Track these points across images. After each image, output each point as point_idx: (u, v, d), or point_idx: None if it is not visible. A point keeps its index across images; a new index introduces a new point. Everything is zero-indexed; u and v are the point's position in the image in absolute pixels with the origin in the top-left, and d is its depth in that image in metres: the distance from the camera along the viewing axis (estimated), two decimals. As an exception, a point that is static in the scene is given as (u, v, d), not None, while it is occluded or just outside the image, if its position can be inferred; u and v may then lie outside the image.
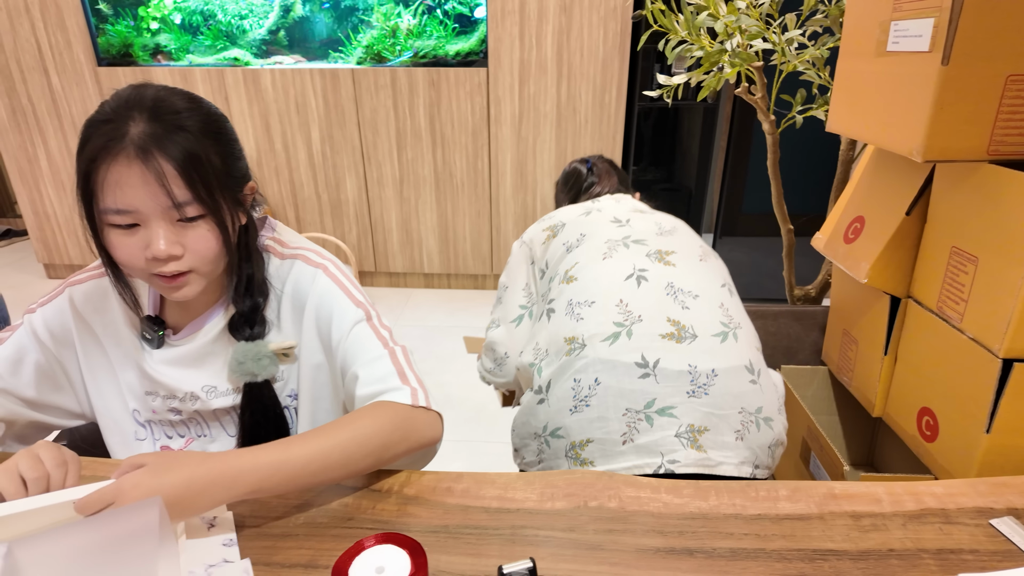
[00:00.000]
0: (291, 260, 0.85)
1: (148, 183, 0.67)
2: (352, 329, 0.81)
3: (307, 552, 0.66)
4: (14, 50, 2.76)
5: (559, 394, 0.93)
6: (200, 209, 0.70)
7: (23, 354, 0.82)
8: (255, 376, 0.81)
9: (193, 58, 2.79)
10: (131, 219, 0.69)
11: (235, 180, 0.75)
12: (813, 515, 0.71)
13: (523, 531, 0.69)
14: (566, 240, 1.10)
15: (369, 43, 2.73)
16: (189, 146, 0.68)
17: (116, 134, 0.66)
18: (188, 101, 0.72)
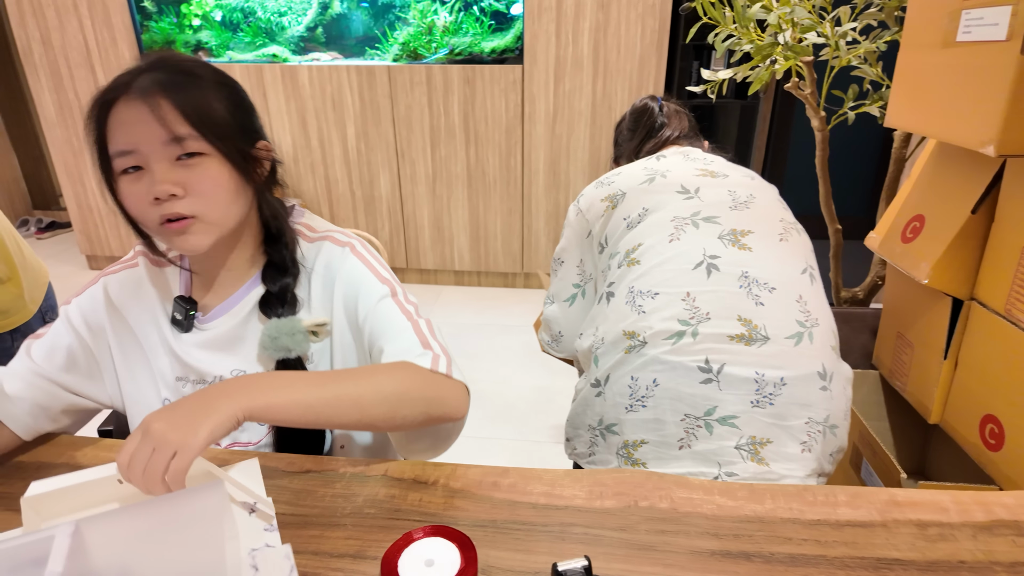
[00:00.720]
0: (319, 242, 0.85)
1: (147, 120, 0.69)
2: (377, 304, 0.81)
3: (355, 543, 0.66)
4: (62, 47, 2.84)
5: (616, 389, 0.89)
6: (201, 144, 0.71)
7: (57, 342, 0.82)
8: (289, 351, 0.80)
9: (233, 54, 2.83)
10: (134, 160, 0.71)
11: (242, 130, 0.76)
12: (876, 522, 0.68)
13: (572, 529, 0.67)
14: (627, 215, 0.99)
15: (405, 40, 2.74)
16: (190, 88, 0.71)
17: (123, 82, 0.70)
18: (195, 61, 0.75)
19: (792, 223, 0.98)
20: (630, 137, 1.22)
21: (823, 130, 1.45)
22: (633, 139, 1.20)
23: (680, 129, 1.18)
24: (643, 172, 1.04)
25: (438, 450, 0.81)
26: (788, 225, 0.97)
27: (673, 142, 1.16)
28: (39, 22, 2.80)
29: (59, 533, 0.35)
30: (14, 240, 1.15)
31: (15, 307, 1.13)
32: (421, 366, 0.74)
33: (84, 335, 0.84)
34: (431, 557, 0.62)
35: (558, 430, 2.06)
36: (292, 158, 2.93)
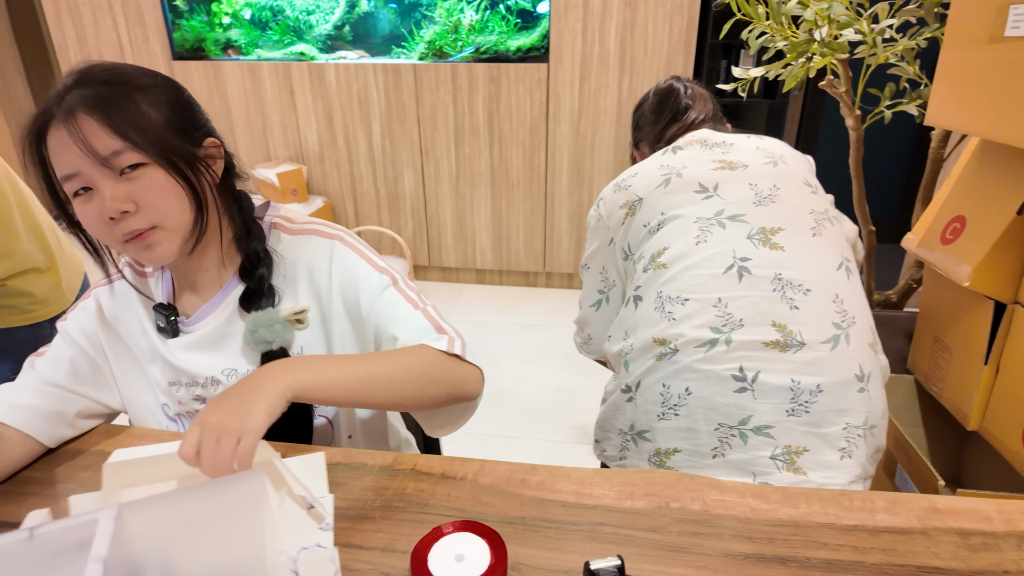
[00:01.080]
0: (303, 236, 0.84)
1: (74, 138, 0.66)
2: (381, 295, 0.81)
3: (384, 536, 0.66)
4: (97, 44, 2.89)
5: (648, 396, 0.88)
6: (137, 155, 0.68)
7: (59, 355, 0.83)
8: (270, 344, 0.80)
9: (261, 52, 2.86)
10: (81, 182, 0.69)
11: (181, 131, 0.73)
12: (915, 529, 0.66)
13: (603, 528, 0.66)
14: (647, 221, 0.97)
15: (431, 39, 2.75)
16: (115, 99, 0.68)
17: (49, 107, 0.68)
18: (116, 67, 0.71)
19: (823, 212, 0.94)
20: (654, 120, 1.15)
21: (858, 129, 1.42)
22: (658, 123, 1.14)
23: (705, 112, 1.13)
24: (659, 172, 1.01)
25: (455, 425, 0.82)
26: (819, 216, 0.92)
27: (697, 125, 1.11)
28: (75, 21, 2.86)
29: (103, 517, 0.35)
30: (53, 232, 1.18)
31: (54, 296, 1.15)
32: (439, 348, 0.75)
33: (84, 346, 0.84)
34: (461, 552, 0.62)
35: (580, 430, 2.05)
36: (318, 156, 2.95)
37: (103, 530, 0.34)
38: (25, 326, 1.13)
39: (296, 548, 0.58)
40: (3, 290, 1.10)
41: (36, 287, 1.13)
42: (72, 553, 0.32)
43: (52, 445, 0.81)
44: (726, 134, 1.07)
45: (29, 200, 1.13)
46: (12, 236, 1.08)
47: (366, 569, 0.62)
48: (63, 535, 0.34)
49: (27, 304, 1.12)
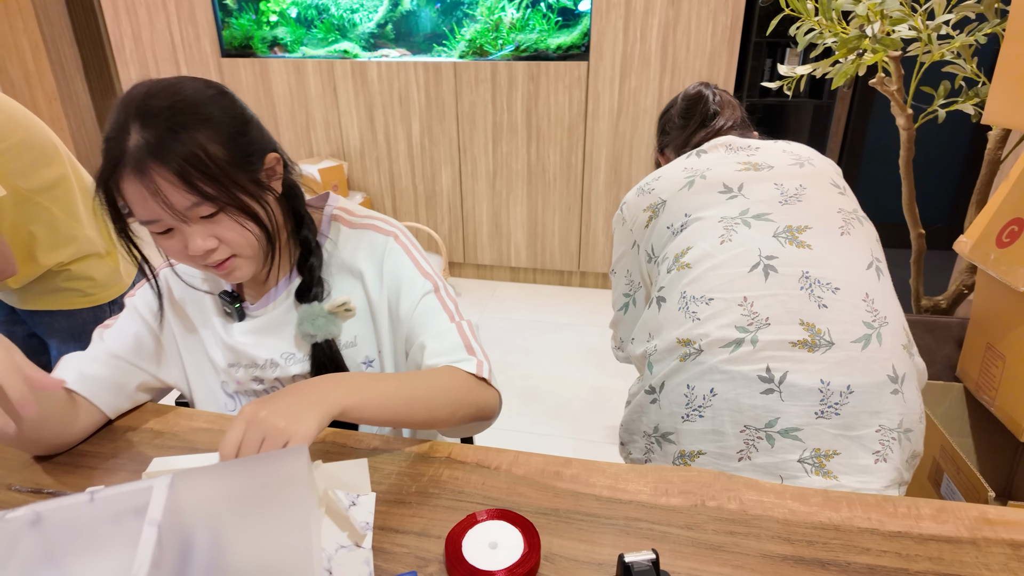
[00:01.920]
0: (362, 230, 0.86)
1: (155, 196, 0.68)
2: (421, 300, 0.83)
3: (420, 520, 0.67)
4: (151, 42, 3.00)
5: (672, 398, 0.87)
6: (213, 206, 0.70)
7: (126, 328, 0.87)
8: (313, 336, 0.83)
9: (306, 50, 2.92)
10: (161, 226, 0.71)
11: (247, 161, 0.73)
12: (964, 539, 0.64)
13: (638, 524, 0.66)
14: (670, 222, 0.96)
15: (472, 37, 2.76)
16: (181, 146, 0.67)
17: (116, 151, 0.67)
18: (174, 95, 0.70)
19: (852, 211, 0.91)
20: (681, 125, 1.14)
21: (909, 129, 1.37)
22: (685, 128, 1.13)
23: (732, 119, 1.11)
24: (683, 175, 0.99)
25: (465, 435, 0.88)
26: (848, 215, 0.90)
27: (724, 132, 1.09)
28: (131, 19, 2.97)
29: (157, 485, 0.36)
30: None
31: (112, 280, 1.20)
32: (468, 371, 0.78)
33: (150, 322, 0.88)
34: (495, 540, 0.62)
35: (612, 431, 2.04)
36: (359, 152, 3.00)
37: (157, 496, 0.35)
38: (87, 308, 1.18)
39: (334, 546, 0.59)
40: (67, 274, 1.15)
41: (97, 271, 1.18)
42: (130, 517, 0.34)
43: (112, 416, 0.85)
44: (752, 139, 1.06)
45: (90, 189, 1.19)
46: (76, 222, 1.13)
47: (402, 552, 0.63)
48: (121, 500, 0.35)
49: (89, 287, 1.17)
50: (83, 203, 1.15)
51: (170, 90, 0.70)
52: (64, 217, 1.12)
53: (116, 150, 0.67)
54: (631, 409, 0.96)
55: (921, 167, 2.98)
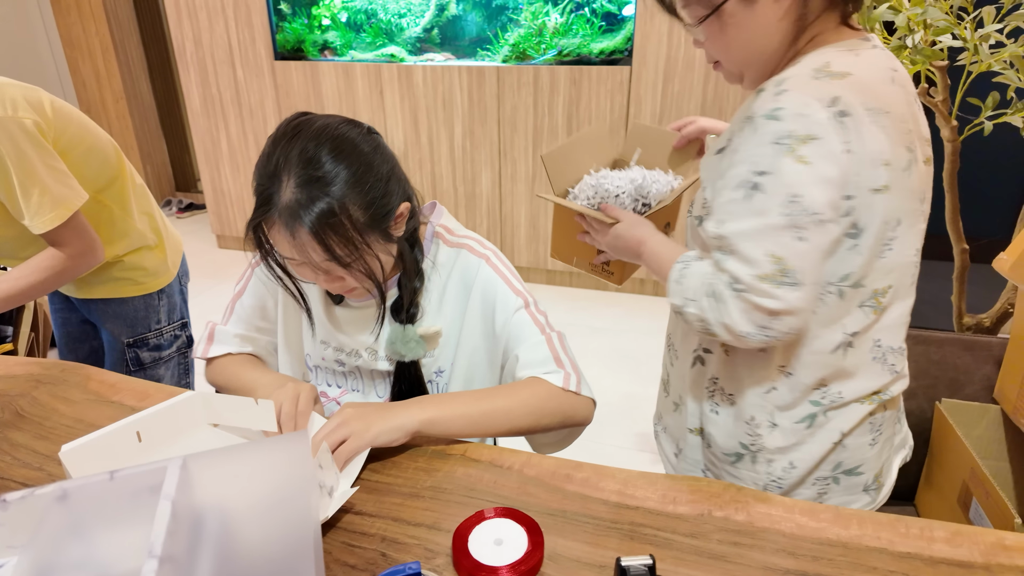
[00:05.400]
0: (457, 248, 0.90)
1: (295, 248, 0.75)
2: (514, 315, 0.87)
3: (432, 514, 0.70)
4: (210, 45, 3.14)
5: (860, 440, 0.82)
6: (342, 266, 0.76)
7: (247, 293, 0.98)
8: (402, 356, 0.88)
9: (355, 54, 3.01)
10: (296, 262, 0.78)
11: (382, 219, 0.78)
12: (977, 564, 0.63)
13: (642, 529, 0.67)
14: (888, 216, 0.72)
15: (516, 41, 2.79)
16: (329, 216, 0.72)
17: (268, 200, 0.73)
18: (334, 153, 0.74)
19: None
20: None
21: (954, 141, 1.33)
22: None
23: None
24: (903, 137, 0.70)
25: (563, 445, 0.91)
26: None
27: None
28: (192, 23, 3.12)
29: (171, 465, 0.40)
30: (159, 213, 1.31)
31: (161, 270, 1.28)
32: (554, 383, 0.83)
33: (266, 287, 0.96)
34: (500, 537, 0.65)
35: (643, 438, 2.03)
36: (403, 154, 3.07)
37: (171, 475, 0.39)
38: (139, 296, 1.27)
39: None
40: (121, 265, 1.23)
41: (148, 262, 1.26)
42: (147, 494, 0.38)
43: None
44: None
45: (139, 186, 1.26)
46: (129, 217, 1.21)
47: (412, 544, 0.66)
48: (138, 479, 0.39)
49: (140, 277, 1.26)
50: (134, 199, 1.23)
51: (330, 144, 0.75)
52: (120, 213, 1.20)
53: (268, 199, 0.74)
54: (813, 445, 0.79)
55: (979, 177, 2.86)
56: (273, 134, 0.76)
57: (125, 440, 0.71)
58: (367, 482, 0.74)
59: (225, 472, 0.43)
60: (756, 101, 0.69)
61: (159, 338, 1.30)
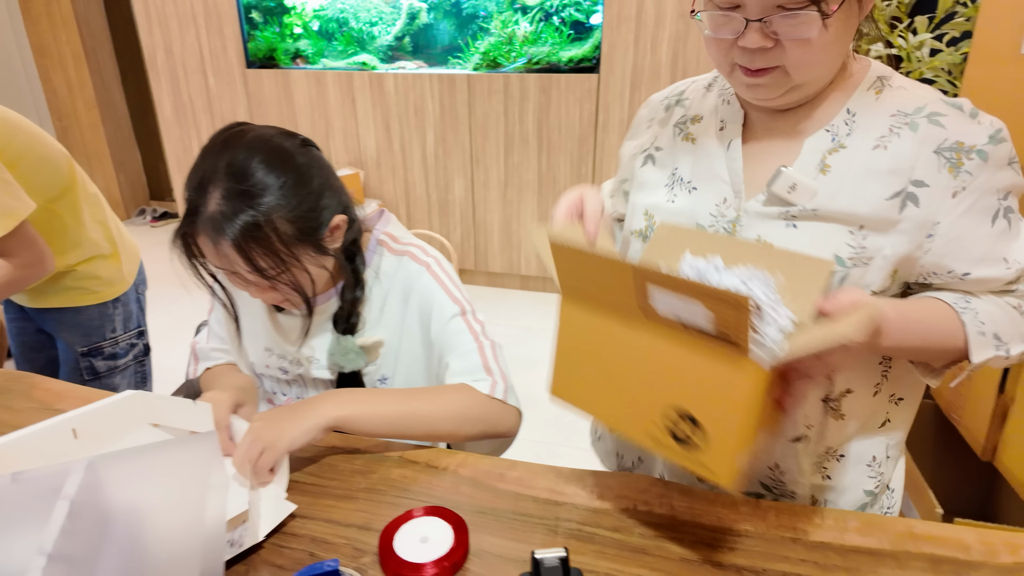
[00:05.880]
0: (400, 256, 0.91)
1: (220, 259, 0.76)
2: (449, 323, 0.87)
3: (363, 515, 0.71)
4: (181, 54, 3.14)
5: None
6: (267, 279, 0.77)
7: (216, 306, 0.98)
8: (342, 367, 0.89)
9: (327, 62, 3.02)
10: (227, 272, 0.79)
11: (313, 232, 0.79)
12: (886, 552, 0.65)
13: (567, 524, 0.69)
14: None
15: (486, 50, 2.83)
16: (254, 230, 0.73)
17: (194, 209, 0.74)
18: (267, 165, 0.75)
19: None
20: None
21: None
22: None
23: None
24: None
25: (494, 452, 0.93)
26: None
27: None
28: (163, 31, 3.12)
29: (75, 467, 0.42)
30: (114, 221, 1.31)
31: (116, 278, 1.29)
32: (480, 391, 0.83)
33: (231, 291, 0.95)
34: (426, 535, 0.66)
35: (608, 439, 2.05)
36: (375, 161, 3.08)
37: (74, 476, 0.40)
38: (93, 305, 1.27)
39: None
40: (74, 274, 1.23)
41: (102, 271, 1.26)
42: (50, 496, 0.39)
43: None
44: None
45: (92, 195, 1.27)
46: (82, 226, 1.22)
47: (340, 543, 0.67)
48: (42, 481, 0.40)
49: (94, 286, 1.26)
50: (87, 208, 1.24)
51: (260, 156, 0.75)
52: (72, 222, 1.20)
53: (195, 208, 0.74)
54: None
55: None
56: (205, 144, 0.77)
57: (60, 437, 0.72)
58: (302, 484, 0.76)
59: (134, 472, 0.44)
60: (951, 131, 0.64)
61: (114, 347, 1.30)
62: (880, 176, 0.66)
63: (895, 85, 0.68)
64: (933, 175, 0.65)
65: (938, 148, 0.65)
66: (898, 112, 0.66)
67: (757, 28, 0.60)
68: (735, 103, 0.74)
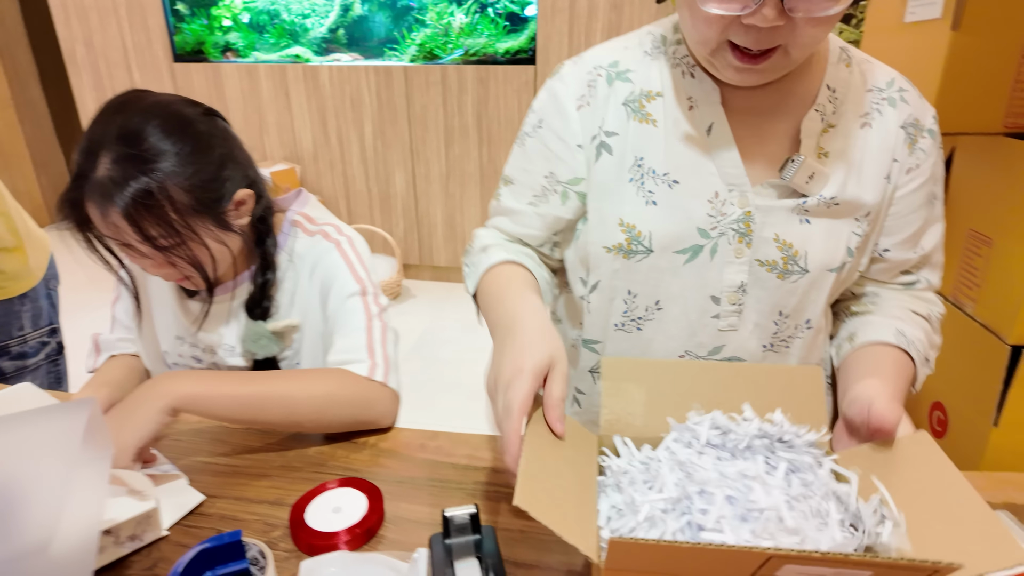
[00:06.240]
0: (314, 236, 0.88)
1: (109, 228, 0.71)
2: (346, 301, 0.84)
3: (277, 491, 0.69)
4: (103, 48, 3.00)
5: None
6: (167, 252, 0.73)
7: (122, 296, 0.96)
8: (255, 354, 0.86)
9: (258, 55, 2.94)
10: (118, 243, 0.74)
11: (213, 204, 0.75)
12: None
13: (487, 487, 0.69)
14: None
15: (422, 41, 2.81)
16: (145, 196, 0.68)
17: (82, 174, 0.69)
18: (159, 130, 0.71)
19: None
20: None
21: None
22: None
23: None
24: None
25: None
26: None
27: None
28: (82, 25, 2.97)
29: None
30: (19, 213, 1.24)
31: (22, 273, 1.21)
32: (356, 373, 0.77)
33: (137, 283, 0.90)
34: (339, 505, 0.65)
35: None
36: (312, 156, 3.02)
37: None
38: None
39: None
40: None
41: (6, 265, 1.19)
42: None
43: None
44: None
45: None
46: None
47: (252, 520, 0.65)
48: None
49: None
50: None
51: (156, 120, 0.71)
52: (-31, 214, 1.13)
53: (83, 174, 0.69)
54: None
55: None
56: (99, 109, 0.73)
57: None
58: (213, 466, 0.73)
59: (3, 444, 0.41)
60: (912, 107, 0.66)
61: (23, 346, 1.23)
62: (874, 157, 0.65)
63: (857, 57, 0.68)
64: (900, 150, 0.66)
65: (904, 123, 0.66)
66: (873, 88, 0.67)
67: (774, 3, 0.51)
68: (703, 77, 0.65)
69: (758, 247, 0.66)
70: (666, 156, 0.66)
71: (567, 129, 0.71)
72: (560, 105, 0.71)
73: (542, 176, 0.73)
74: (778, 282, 0.68)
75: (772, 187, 0.66)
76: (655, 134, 0.67)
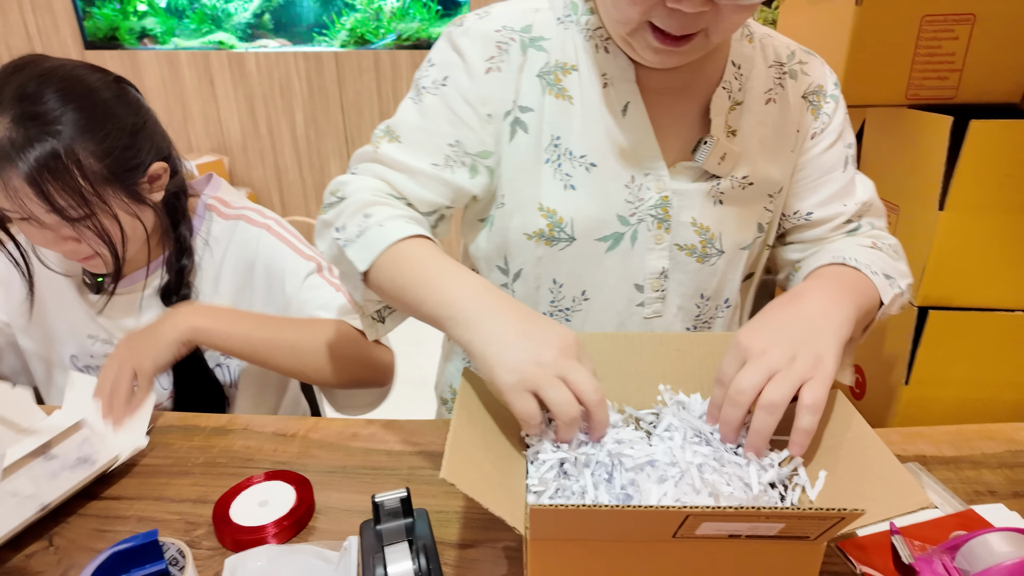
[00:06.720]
0: (234, 221, 0.84)
1: (9, 197, 0.66)
2: (306, 280, 0.82)
3: (199, 489, 0.66)
4: (4, 34, 2.79)
5: None
6: (73, 227, 0.69)
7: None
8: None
9: (179, 41, 2.80)
10: (18, 216, 0.69)
11: (125, 175, 0.71)
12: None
13: (420, 472, 0.68)
14: None
15: (353, 26, 2.73)
16: (50, 160, 0.64)
17: None
18: (62, 91, 0.67)
19: None
20: None
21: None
22: None
23: None
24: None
25: (370, 408, 0.87)
26: None
27: None
28: (-22, 9, 2.76)
29: None
30: None
31: None
32: (355, 326, 0.77)
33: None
34: (266, 499, 0.63)
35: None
36: (241, 146, 2.90)
37: None
38: None
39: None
40: None
41: None
42: None
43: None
44: None
45: None
46: None
47: (172, 519, 0.62)
48: None
49: None
50: None
51: (59, 83, 0.67)
52: None
53: None
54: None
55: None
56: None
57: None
58: (128, 467, 0.69)
59: None
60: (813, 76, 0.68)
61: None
62: (779, 131, 0.66)
63: (758, 32, 0.69)
64: (802, 119, 0.68)
65: (805, 93, 0.68)
66: (775, 63, 0.68)
67: None
68: (618, 52, 0.63)
69: (676, 232, 0.66)
70: (583, 136, 0.64)
71: (475, 92, 0.64)
72: (467, 64, 0.64)
73: (446, 143, 0.65)
74: (698, 265, 0.68)
75: (687, 169, 0.66)
76: (571, 111, 0.64)
